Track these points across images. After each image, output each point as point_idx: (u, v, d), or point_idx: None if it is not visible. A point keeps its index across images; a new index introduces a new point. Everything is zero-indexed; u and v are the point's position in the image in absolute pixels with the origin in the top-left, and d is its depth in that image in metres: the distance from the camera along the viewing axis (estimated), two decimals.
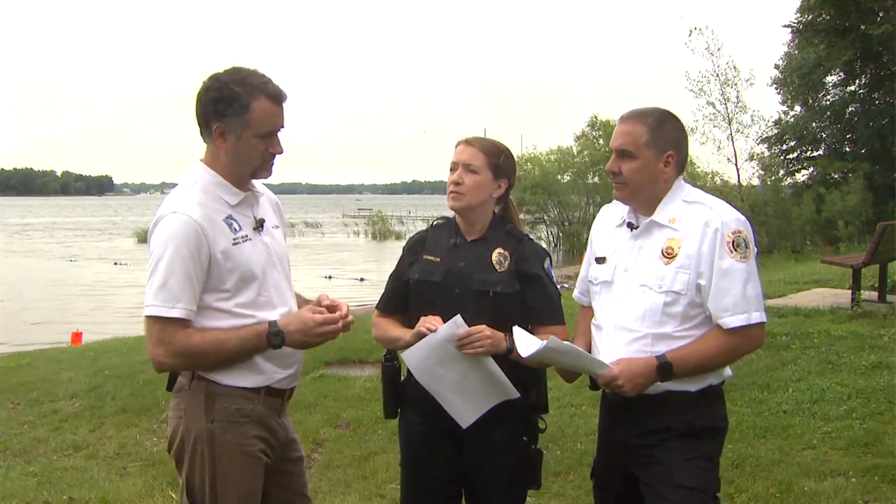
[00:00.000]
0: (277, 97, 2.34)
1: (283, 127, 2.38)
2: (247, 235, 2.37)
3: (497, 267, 2.61)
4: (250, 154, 2.34)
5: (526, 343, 2.35)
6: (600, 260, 2.54)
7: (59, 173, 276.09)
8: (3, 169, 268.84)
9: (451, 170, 2.68)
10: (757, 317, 2.34)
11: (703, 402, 2.40)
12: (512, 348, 2.48)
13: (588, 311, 2.66)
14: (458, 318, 2.45)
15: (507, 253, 2.63)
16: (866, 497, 3.97)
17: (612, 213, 2.59)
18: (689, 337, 2.36)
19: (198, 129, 2.38)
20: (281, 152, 2.39)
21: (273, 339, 2.32)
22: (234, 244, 2.32)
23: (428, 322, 2.50)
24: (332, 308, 2.39)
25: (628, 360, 2.35)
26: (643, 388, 2.33)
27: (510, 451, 2.61)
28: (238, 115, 2.28)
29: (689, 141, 2.54)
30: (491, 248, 2.64)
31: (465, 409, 2.53)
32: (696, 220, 2.36)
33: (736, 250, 2.32)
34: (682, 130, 2.49)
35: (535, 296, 2.62)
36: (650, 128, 2.39)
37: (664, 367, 2.31)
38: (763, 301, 2.39)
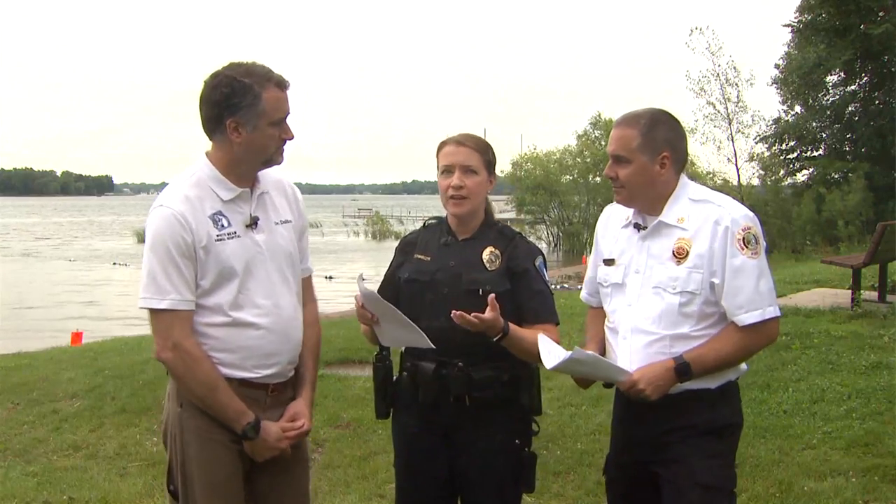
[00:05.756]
0: (282, 84, 2.38)
1: (290, 113, 2.41)
2: (234, 232, 2.38)
3: (488, 266, 2.58)
4: (266, 143, 2.37)
5: (550, 353, 2.34)
6: (609, 262, 2.53)
7: (59, 173, 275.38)
8: (3, 169, 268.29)
9: (445, 172, 2.60)
10: (771, 311, 2.35)
11: (722, 399, 2.43)
12: (507, 332, 2.42)
13: (597, 312, 2.66)
14: (360, 274, 2.49)
15: (498, 251, 2.60)
16: (866, 497, 3.97)
17: (618, 214, 2.57)
18: (706, 336, 2.37)
19: (203, 127, 2.39)
20: (293, 137, 2.42)
21: (248, 431, 2.37)
22: (218, 240, 2.34)
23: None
24: (295, 416, 2.49)
25: (647, 366, 2.35)
26: (665, 390, 2.34)
27: (503, 454, 2.58)
28: (252, 107, 2.31)
29: (686, 139, 2.53)
30: (482, 247, 2.61)
31: (420, 339, 2.48)
32: (706, 219, 2.36)
33: (747, 247, 2.32)
34: (677, 129, 2.47)
35: (524, 293, 2.58)
36: (642, 131, 2.39)
37: (682, 369, 2.32)
38: (775, 295, 2.41)
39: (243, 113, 2.31)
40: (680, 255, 2.36)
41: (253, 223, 2.42)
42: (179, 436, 2.40)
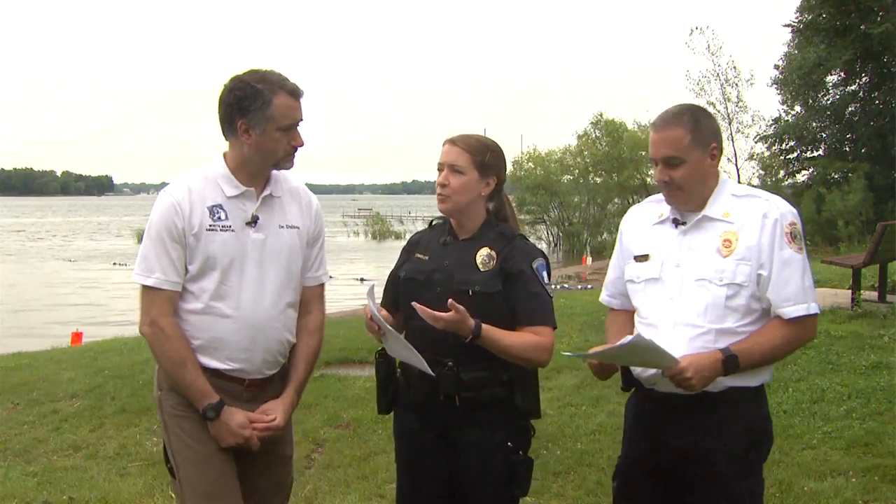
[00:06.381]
0: (295, 92, 2.46)
1: (302, 120, 2.49)
2: (229, 226, 2.46)
3: (481, 266, 2.56)
4: (274, 147, 2.46)
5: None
6: (642, 258, 2.51)
7: (59, 173, 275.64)
8: (3, 169, 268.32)
9: (438, 171, 2.64)
10: (815, 307, 2.37)
11: (756, 401, 2.42)
12: (478, 333, 2.41)
13: (618, 314, 2.65)
14: (372, 287, 2.52)
15: (494, 252, 2.58)
16: (866, 497, 3.98)
17: (647, 212, 2.57)
18: (750, 333, 2.36)
19: (220, 127, 2.51)
20: (302, 144, 2.50)
21: (208, 411, 2.44)
22: (209, 230, 2.44)
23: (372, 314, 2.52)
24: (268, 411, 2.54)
25: (695, 355, 2.33)
26: (709, 381, 2.31)
27: (498, 456, 2.56)
28: (261, 111, 2.41)
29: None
30: (478, 248, 2.60)
31: (421, 364, 2.48)
32: (753, 213, 2.37)
33: (794, 241, 2.35)
34: (715, 119, 2.50)
35: (516, 294, 2.54)
36: (689, 128, 2.38)
37: (730, 361, 2.30)
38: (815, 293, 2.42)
39: (252, 116, 2.41)
40: (727, 248, 2.37)
41: (252, 222, 2.48)
42: (160, 416, 2.56)
